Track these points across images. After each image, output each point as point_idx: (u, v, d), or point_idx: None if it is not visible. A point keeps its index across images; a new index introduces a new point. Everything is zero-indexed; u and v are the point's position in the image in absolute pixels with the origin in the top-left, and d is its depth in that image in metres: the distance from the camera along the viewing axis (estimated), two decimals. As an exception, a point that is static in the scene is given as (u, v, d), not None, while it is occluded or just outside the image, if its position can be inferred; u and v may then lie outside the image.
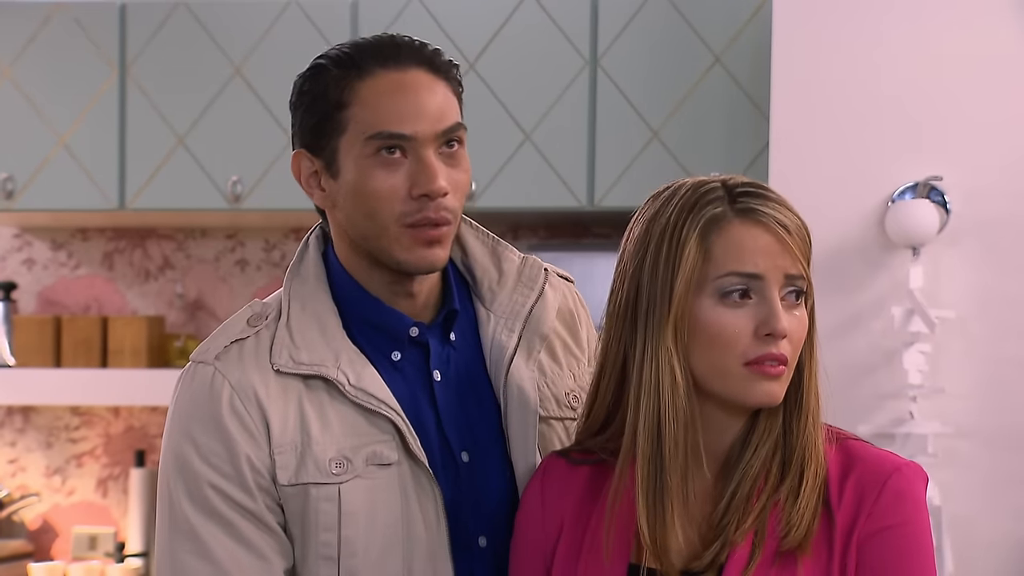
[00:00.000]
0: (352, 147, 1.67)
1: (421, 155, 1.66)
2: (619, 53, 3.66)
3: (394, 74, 1.66)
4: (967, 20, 3.08)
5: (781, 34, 3.18)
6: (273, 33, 3.83)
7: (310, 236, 1.80)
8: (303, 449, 1.67)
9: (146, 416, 4.29)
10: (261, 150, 3.82)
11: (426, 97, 1.67)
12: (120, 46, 3.88)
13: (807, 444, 1.60)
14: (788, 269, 1.56)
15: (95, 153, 3.89)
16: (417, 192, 1.66)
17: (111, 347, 4.10)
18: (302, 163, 1.72)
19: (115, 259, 4.32)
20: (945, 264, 3.08)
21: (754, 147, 3.55)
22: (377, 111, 1.65)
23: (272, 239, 4.27)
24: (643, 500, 1.59)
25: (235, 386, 1.68)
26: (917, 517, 1.58)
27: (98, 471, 4.30)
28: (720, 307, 1.57)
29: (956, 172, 3.07)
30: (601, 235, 4.06)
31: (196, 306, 4.30)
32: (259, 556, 1.67)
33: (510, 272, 1.82)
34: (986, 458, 3.02)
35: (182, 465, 1.68)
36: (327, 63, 1.69)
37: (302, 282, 1.76)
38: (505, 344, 1.77)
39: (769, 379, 1.56)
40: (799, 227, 1.58)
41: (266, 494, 1.68)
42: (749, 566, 1.55)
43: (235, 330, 1.74)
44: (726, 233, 1.57)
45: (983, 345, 3.05)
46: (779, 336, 1.55)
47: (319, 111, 1.68)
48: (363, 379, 1.69)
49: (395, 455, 1.69)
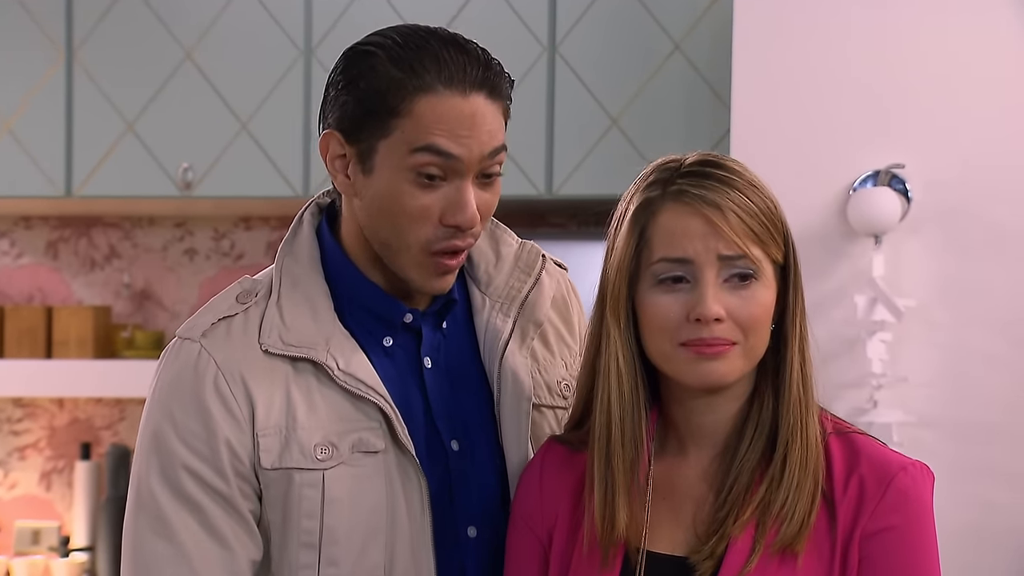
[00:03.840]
0: (393, 154, 1.62)
1: (460, 183, 1.62)
2: (577, 40, 3.63)
3: (457, 100, 1.60)
4: (931, 9, 3.07)
5: (742, 20, 3.15)
6: (225, 17, 3.75)
7: (304, 212, 1.76)
8: (288, 433, 1.63)
9: (92, 408, 4.22)
10: (212, 137, 3.74)
11: (481, 126, 1.62)
12: (67, 29, 3.79)
13: (792, 428, 1.58)
14: (722, 251, 1.53)
15: (41, 139, 3.80)
16: (450, 221, 1.63)
17: (56, 338, 4.03)
18: (331, 144, 1.67)
19: (59, 248, 4.24)
20: (906, 253, 3.07)
21: (714, 134, 3.53)
22: (429, 131, 1.60)
23: (222, 228, 4.20)
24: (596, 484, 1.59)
25: (221, 365, 1.64)
26: (922, 518, 1.55)
27: (42, 464, 4.22)
28: (655, 292, 1.56)
29: (917, 160, 3.06)
30: (557, 224, 4.03)
31: (143, 296, 4.23)
32: (223, 545, 1.63)
33: (507, 256, 1.79)
34: (949, 447, 3.01)
35: (158, 444, 1.64)
36: (383, 55, 1.62)
37: (294, 260, 1.71)
38: (500, 329, 1.74)
39: (707, 359, 1.54)
40: (745, 205, 1.55)
41: (242, 479, 1.64)
42: (750, 560, 1.53)
43: (223, 307, 1.69)
44: (658, 218, 1.56)
45: (944, 334, 3.04)
46: (706, 320, 1.53)
47: (367, 106, 1.62)
48: (352, 364, 1.65)
49: (382, 443, 1.65)
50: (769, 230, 1.56)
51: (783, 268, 1.60)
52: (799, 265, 1.61)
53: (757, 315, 1.56)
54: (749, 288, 1.55)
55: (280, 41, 3.73)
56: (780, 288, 1.60)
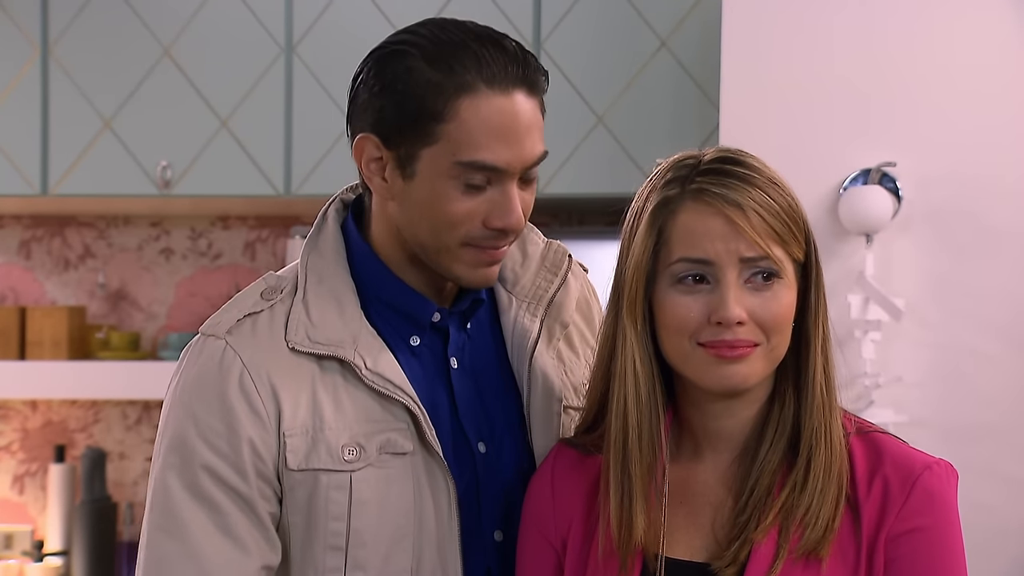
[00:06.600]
0: (436, 162, 1.58)
1: (506, 188, 1.60)
2: (563, 36, 3.60)
3: (499, 99, 1.57)
4: (919, 6, 3.06)
5: (730, 17, 3.13)
6: (204, 13, 3.70)
7: (329, 208, 1.73)
8: (315, 434, 1.60)
9: (66, 410, 4.16)
10: (191, 134, 3.69)
11: (523, 127, 1.59)
12: (42, 24, 3.73)
13: (815, 430, 1.55)
14: (744, 252, 1.50)
15: (16, 137, 3.74)
16: (496, 224, 1.60)
17: (29, 338, 3.97)
18: (367, 148, 1.62)
19: (32, 247, 4.18)
20: (897, 251, 3.05)
21: (701, 133, 3.51)
22: (474, 137, 1.57)
23: (199, 227, 4.14)
24: (612, 489, 1.55)
25: (247, 363, 1.60)
26: (948, 518, 1.52)
27: (14, 467, 4.16)
28: (675, 292, 1.52)
29: (908, 158, 3.04)
30: (540, 223, 3.97)
31: (119, 296, 4.17)
32: (237, 546, 1.59)
33: (534, 255, 1.77)
34: (939, 446, 2.98)
35: (179, 443, 1.60)
36: (419, 55, 1.58)
37: (319, 256, 1.68)
38: (528, 329, 1.72)
39: (727, 362, 1.51)
40: (767, 204, 1.50)
41: (263, 480, 1.60)
42: (774, 566, 1.49)
43: (248, 303, 1.66)
44: (677, 217, 1.52)
45: (935, 333, 3.03)
46: (729, 324, 1.49)
47: (407, 111, 1.58)
48: (380, 363, 1.62)
49: (410, 444, 1.62)
50: (791, 229, 1.53)
51: (803, 267, 1.57)
52: (820, 264, 1.58)
53: (779, 316, 1.52)
54: (771, 288, 1.52)
55: (260, 37, 3.68)
56: (801, 287, 1.56)
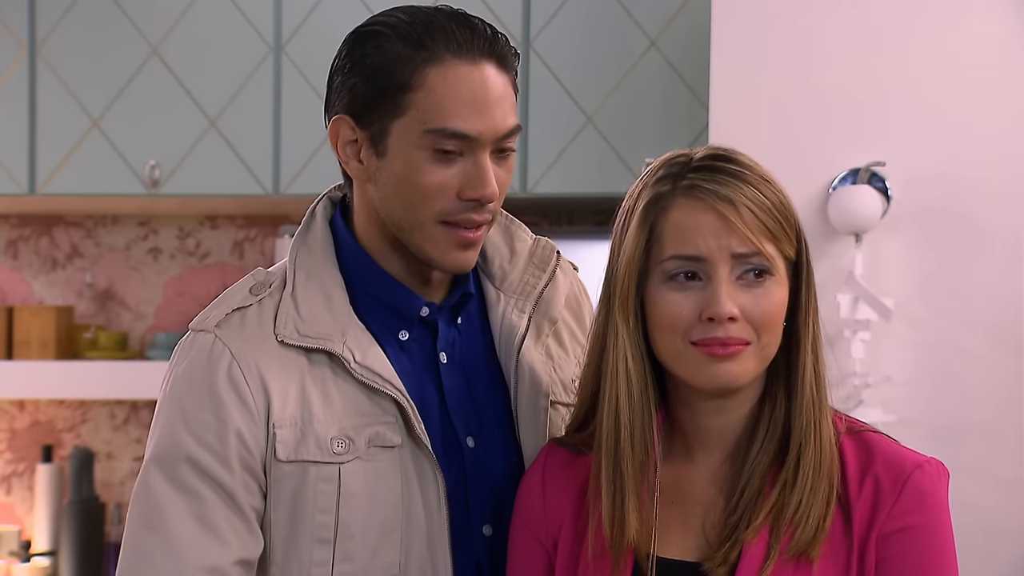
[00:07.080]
0: (407, 133, 1.59)
1: (478, 157, 1.60)
2: (552, 36, 3.59)
3: (466, 67, 1.59)
4: (909, 7, 3.06)
5: (720, 17, 3.13)
6: (193, 12, 3.70)
7: (317, 205, 1.73)
8: (304, 426, 1.60)
9: (53, 410, 4.15)
10: (180, 133, 3.69)
11: (493, 97, 1.60)
12: (30, 23, 3.72)
13: (805, 430, 1.55)
14: (736, 248, 1.50)
15: (4, 136, 3.73)
16: (469, 195, 1.60)
17: (17, 338, 3.97)
18: (342, 130, 1.64)
19: (19, 247, 4.17)
20: (886, 251, 3.05)
21: (691, 133, 3.50)
22: (443, 105, 1.58)
23: (187, 227, 4.13)
24: (604, 488, 1.55)
25: (236, 355, 1.60)
26: (939, 517, 1.52)
27: (1, 467, 4.15)
28: (666, 290, 1.52)
29: (897, 158, 3.04)
30: (530, 223, 3.97)
31: (106, 296, 4.16)
32: (216, 538, 1.58)
33: (522, 252, 1.78)
34: (928, 445, 2.98)
35: (167, 438, 1.60)
36: (390, 33, 1.61)
37: (308, 252, 1.69)
38: (515, 325, 1.72)
39: (719, 361, 1.51)
40: (759, 201, 1.51)
41: (248, 472, 1.60)
42: (764, 566, 1.49)
43: (237, 298, 1.66)
44: (669, 213, 1.52)
45: (924, 332, 3.03)
46: (721, 320, 1.49)
47: (377, 86, 1.60)
48: (368, 357, 1.62)
49: (398, 437, 1.62)
50: (782, 226, 1.53)
51: (795, 265, 1.57)
52: (811, 262, 1.58)
53: (771, 313, 1.52)
54: (763, 285, 1.52)
55: (249, 37, 3.67)
56: (792, 286, 1.56)
